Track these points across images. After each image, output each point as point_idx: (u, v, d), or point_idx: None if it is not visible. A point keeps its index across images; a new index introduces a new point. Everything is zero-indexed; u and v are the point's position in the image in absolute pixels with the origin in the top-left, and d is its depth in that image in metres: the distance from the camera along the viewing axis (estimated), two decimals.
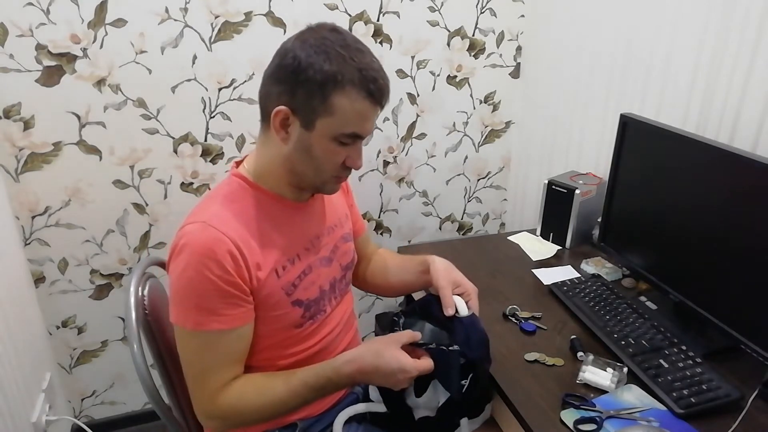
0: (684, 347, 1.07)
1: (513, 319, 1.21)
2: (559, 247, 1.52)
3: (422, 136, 1.90)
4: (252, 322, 0.94)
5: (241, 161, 1.01)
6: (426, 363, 0.92)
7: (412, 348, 0.94)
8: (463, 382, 0.98)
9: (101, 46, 1.47)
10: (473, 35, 1.80)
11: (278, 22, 1.59)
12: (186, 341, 0.92)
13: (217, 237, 0.87)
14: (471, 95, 1.89)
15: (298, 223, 1.00)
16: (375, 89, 0.87)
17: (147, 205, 1.67)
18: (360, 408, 1.04)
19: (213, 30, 1.55)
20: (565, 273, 1.40)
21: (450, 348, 0.95)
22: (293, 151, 0.91)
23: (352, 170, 0.96)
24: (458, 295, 1.03)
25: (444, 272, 1.05)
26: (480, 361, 0.98)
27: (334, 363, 0.94)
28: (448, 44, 1.79)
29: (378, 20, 1.69)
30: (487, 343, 1.01)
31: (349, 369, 0.92)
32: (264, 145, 0.96)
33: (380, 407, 1.04)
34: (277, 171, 0.95)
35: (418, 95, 1.83)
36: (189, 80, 1.57)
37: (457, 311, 1.00)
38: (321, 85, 0.85)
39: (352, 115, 0.87)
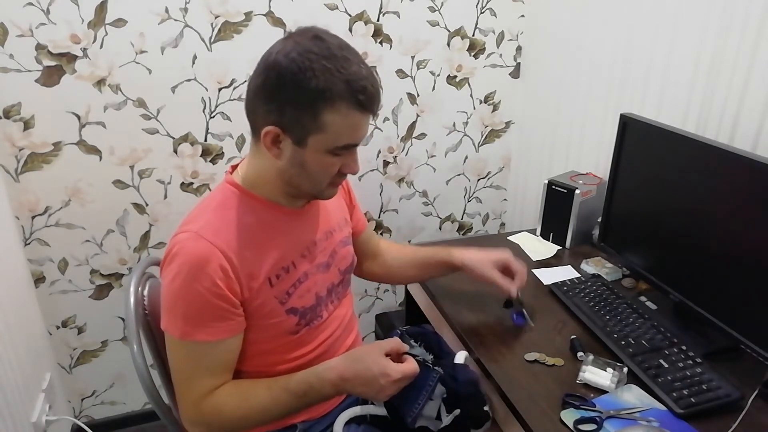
0: (684, 347, 1.07)
1: (512, 308, 1.21)
2: (559, 247, 1.52)
3: (422, 136, 1.90)
4: (241, 333, 0.93)
5: (236, 166, 1.00)
6: (410, 366, 0.90)
7: (398, 357, 0.93)
8: (448, 415, 0.98)
9: (101, 46, 1.47)
10: (473, 35, 1.80)
11: (278, 22, 1.59)
12: (174, 348, 0.92)
13: (208, 249, 0.86)
14: (471, 95, 1.89)
15: (293, 230, 0.99)
16: (365, 99, 0.85)
17: (147, 205, 1.67)
18: (358, 410, 1.04)
19: (213, 30, 1.55)
20: (565, 273, 1.40)
21: (433, 366, 0.94)
22: (287, 166, 0.90)
23: (356, 173, 0.96)
24: (510, 274, 1.14)
25: (485, 265, 1.13)
26: (466, 397, 0.98)
27: (316, 369, 0.92)
28: (448, 44, 1.79)
29: (378, 20, 1.69)
30: (477, 383, 1.02)
31: (331, 375, 0.90)
32: (256, 156, 0.95)
33: (380, 410, 1.04)
34: (271, 181, 0.94)
35: (418, 95, 1.83)
36: (189, 80, 1.57)
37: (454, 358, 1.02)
38: (310, 103, 0.83)
39: (344, 128, 0.86)
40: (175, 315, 0.88)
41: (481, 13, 1.78)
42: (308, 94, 0.82)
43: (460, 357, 1.05)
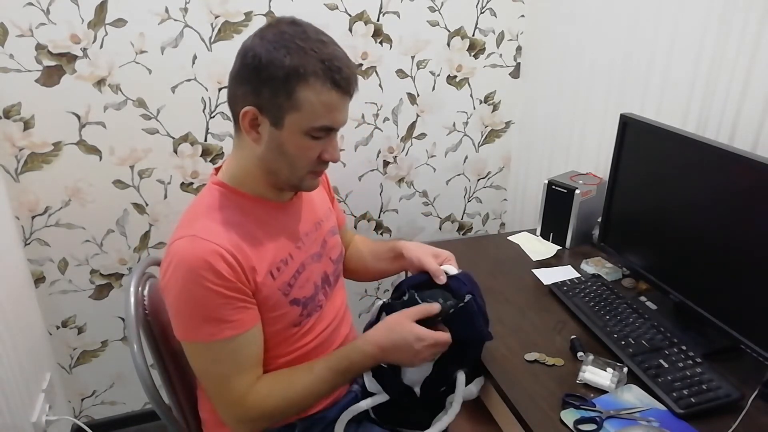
0: (684, 347, 1.07)
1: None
2: (559, 247, 1.52)
3: (422, 136, 1.90)
4: (260, 322, 0.94)
5: (220, 167, 1.00)
6: (442, 335, 0.95)
7: (431, 325, 0.97)
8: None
9: (101, 46, 1.47)
10: (473, 35, 1.80)
11: None
12: (201, 355, 0.91)
13: (208, 247, 0.86)
14: (471, 95, 1.89)
15: (285, 223, 1.00)
16: (340, 79, 0.85)
17: (147, 205, 1.67)
18: (362, 406, 1.04)
19: (213, 30, 1.55)
20: (565, 273, 1.40)
21: (465, 301, 0.98)
22: (266, 150, 0.91)
23: (339, 165, 0.96)
24: (439, 263, 1.07)
25: (419, 250, 1.10)
26: (484, 307, 1.04)
27: (355, 344, 0.97)
28: (448, 44, 1.79)
29: (378, 20, 1.69)
30: (480, 290, 1.06)
31: (370, 348, 0.96)
32: (238, 149, 0.95)
33: (381, 397, 1.04)
34: (254, 173, 0.95)
35: (418, 95, 1.83)
36: (189, 80, 1.57)
37: (447, 273, 1.05)
38: (284, 81, 0.84)
39: (319, 108, 0.86)
40: (195, 321, 0.88)
41: (481, 13, 1.78)
42: (282, 71, 0.83)
43: (452, 269, 1.07)
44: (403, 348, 0.94)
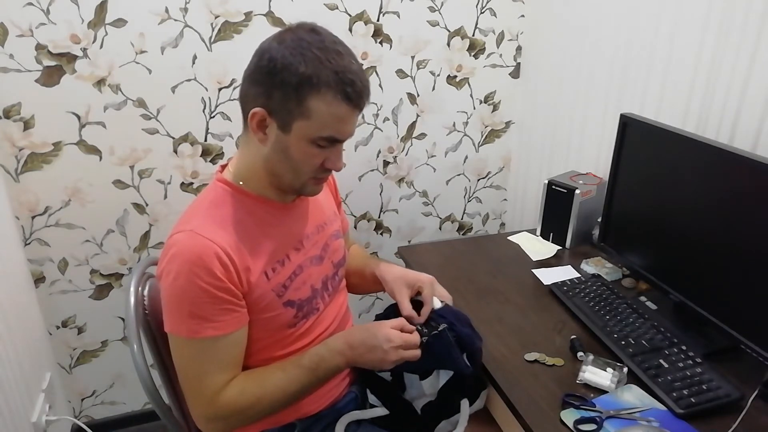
0: (684, 347, 1.07)
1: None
2: (559, 247, 1.52)
3: (422, 136, 1.90)
4: (246, 325, 0.94)
5: (226, 165, 1.01)
6: (413, 337, 0.95)
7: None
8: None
9: (101, 46, 1.47)
10: (473, 35, 1.80)
11: (278, 22, 1.59)
12: (181, 349, 0.92)
13: (205, 244, 0.87)
14: (471, 95, 1.89)
15: (286, 224, 1.01)
16: (352, 92, 0.86)
17: (147, 205, 1.67)
18: (360, 414, 1.05)
19: (213, 30, 1.55)
20: (565, 273, 1.40)
21: (439, 329, 0.97)
22: (271, 152, 0.91)
23: (339, 170, 0.96)
24: (417, 292, 1.06)
25: (395, 284, 1.07)
26: (469, 337, 1.01)
27: (326, 341, 0.98)
28: (448, 44, 1.79)
29: (378, 20, 1.69)
30: (469, 321, 1.05)
31: (339, 343, 0.96)
32: (245, 147, 0.96)
33: (380, 411, 1.04)
34: (258, 173, 0.95)
35: (418, 95, 1.83)
36: (189, 80, 1.57)
37: (433, 306, 1.04)
38: (296, 88, 0.84)
39: (328, 118, 0.87)
40: (180, 314, 0.88)
41: (481, 13, 1.78)
42: (296, 79, 0.84)
43: (437, 303, 1.05)
44: (371, 347, 0.93)
